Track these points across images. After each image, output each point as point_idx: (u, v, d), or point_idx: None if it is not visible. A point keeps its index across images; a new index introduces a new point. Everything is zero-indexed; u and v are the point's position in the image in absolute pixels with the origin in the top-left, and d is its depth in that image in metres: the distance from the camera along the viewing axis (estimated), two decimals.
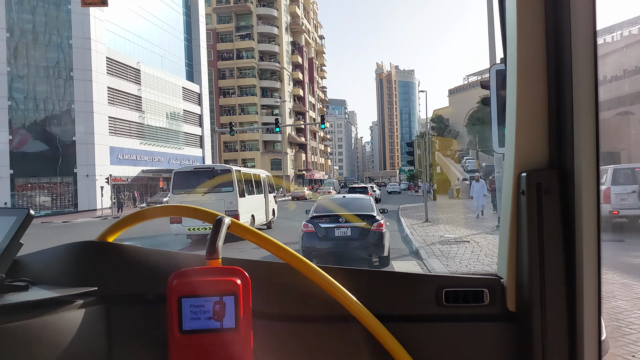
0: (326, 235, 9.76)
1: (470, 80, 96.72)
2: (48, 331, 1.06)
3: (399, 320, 1.29)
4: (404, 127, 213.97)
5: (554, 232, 1.15)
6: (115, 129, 43.75)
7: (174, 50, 55.89)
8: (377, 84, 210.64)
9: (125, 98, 45.69)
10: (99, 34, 41.45)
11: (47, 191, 39.38)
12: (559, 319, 1.16)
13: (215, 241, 1.06)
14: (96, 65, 40.96)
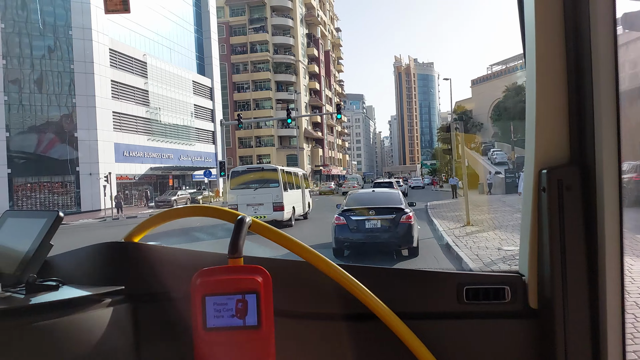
0: (357, 227, 10.27)
1: (494, 69, 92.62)
2: (78, 329, 1.10)
3: (419, 318, 1.29)
4: (424, 121, 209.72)
5: (576, 229, 1.15)
6: (120, 125, 41.47)
7: (184, 42, 53.48)
8: (396, 77, 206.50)
9: (131, 92, 43.38)
10: (102, 24, 39.08)
11: (47, 191, 37.23)
12: (581, 315, 1.15)
13: (237, 240, 1.07)
14: (98, 57, 38.66)
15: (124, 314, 1.22)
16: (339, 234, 10.49)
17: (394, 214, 10.32)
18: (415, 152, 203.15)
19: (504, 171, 38.36)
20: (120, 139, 41.01)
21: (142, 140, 44.29)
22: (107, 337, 1.15)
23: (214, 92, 58.12)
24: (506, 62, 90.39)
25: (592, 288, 1.14)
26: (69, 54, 37.63)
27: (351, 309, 1.27)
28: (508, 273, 1.36)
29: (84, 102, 37.55)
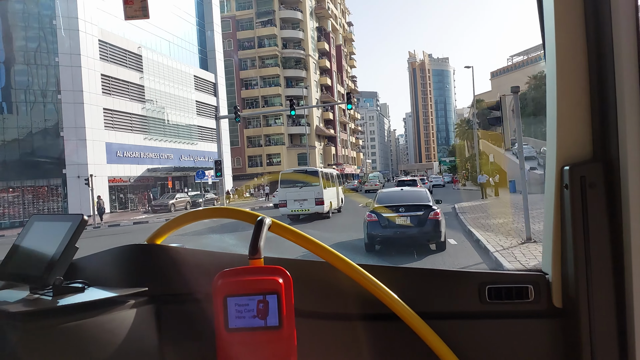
0: (388, 223, 11.16)
1: (514, 60, 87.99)
2: (103, 330, 1.13)
3: (441, 318, 1.28)
4: (440, 117, 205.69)
5: (600, 226, 1.13)
6: (112, 123, 38.20)
7: (184, 35, 50.13)
8: (410, 73, 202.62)
9: (124, 87, 40.11)
10: (90, 13, 35.76)
11: (32, 196, 33.99)
12: (607, 314, 1.14)
13: (257, 241, 1.08)
14: (86, 49, 35.34)
15: (147, 315, 1.25)
16: (371, 230, 11.18)
17: (422, 210, 10.98)
18: (431, 149, 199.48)
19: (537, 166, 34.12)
20: (112, 138, 37.75)
21: (138, 140, 41.02)
22: (131, 338, 1.18)
23: (218, 87, 54.69)
24: (528, 52, 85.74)
25: (618, 286, 1.11)
26: (53, 46, 34.34)
27: (372, 309, 1.27)
28: (531, 272, 1.33)
29: (71, 98, 34.30)
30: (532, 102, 65.99)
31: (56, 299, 1.14)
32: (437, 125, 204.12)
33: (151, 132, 42.94)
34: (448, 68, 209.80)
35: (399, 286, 1.25)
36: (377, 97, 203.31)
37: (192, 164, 48.11)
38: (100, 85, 36.88)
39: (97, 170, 34.74)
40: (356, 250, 11.66)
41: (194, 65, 51.39)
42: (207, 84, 52.99)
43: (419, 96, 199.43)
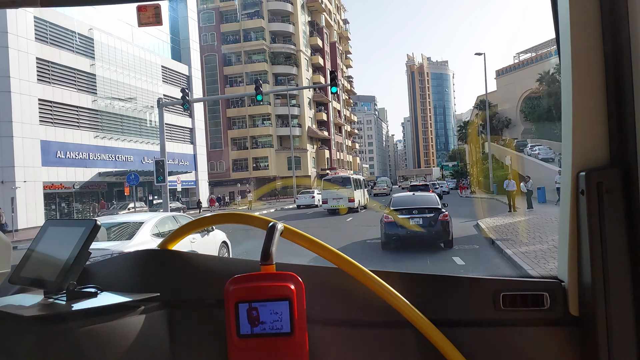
0: (403, 224, 12.35)
1: (521, 58, 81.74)
2: (115, 335, 1.14)
3: (455, 325, 1.26)
4: (439, 122, 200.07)
5: (617, 233, 1.10)
6: (51, 117, 31.70)
7: None
8: (409, 77, 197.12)
9: (69, 75, 33.63)
10: None
11: None
12: (625, 323, 1.11)
13: (269, 247, 1.07)
14: (16, 26, 28.86)
15: (159, 320, 1.26)
16: (388, 230, 12.46)
17: (432, 213, 12.39)
18: (430, 154, 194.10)
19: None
20: (51, 136, 31.24)
21: (86, 138, 34.52)
22: (143, 343, 1.18)
23: (192, 81, 48.09)
24: (536, 49, 79.61)
25: (637, 294, 1.09)
26: None
27: (384, 316, 1.25)
28: (546, 279, 1.30)
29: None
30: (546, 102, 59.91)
31: (70, 304, 1.15)
32: (436, 130, 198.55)
33: (105, 129, 36.43)
34: (447, 71, 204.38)
35: (412, 293, 1.24)
36: (375, 101, 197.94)
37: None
38: (35, 71, 30.37)
39: (28, 174, 28.26)
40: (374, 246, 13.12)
41: (164, 54, 44.94)
42: (179, 76, 46.47)
43: (417, 100, 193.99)
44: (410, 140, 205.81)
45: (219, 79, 68.03)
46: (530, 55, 79.72)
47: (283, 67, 69.11)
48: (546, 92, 60.30)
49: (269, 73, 68.51)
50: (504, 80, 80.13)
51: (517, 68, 79.66)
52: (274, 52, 68.97)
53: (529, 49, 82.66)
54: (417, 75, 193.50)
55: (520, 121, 75.33)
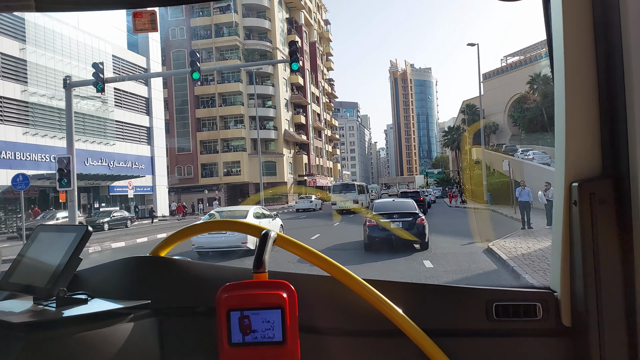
0: (384, 227, 13.48)
1: (509, 61, 78.23)
2: (105, 342, 1.13)
3: (447, 335, 1.27)
4: (422, 130, 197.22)
5: (610, 243, 1.11)
6: None
7: None
8: (392, 83, 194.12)
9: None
10: None
11: None
12: (618, 334, 1.11)
13: (261, 255, 1.06)
14: None
15: (149, 328, 1.25)
16: (370, 232, 13.54)
17: (411, 217, 13.50)
18: (412, 162, 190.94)
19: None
20: None
21: (12, 134, 29.13)
22: (133, 351, 1.18)
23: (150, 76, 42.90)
24: (525, 52, 76.15)
25: (629, 305, 1.09)
26: None
27: (377, 325, 1.25)
28: (539, 289, 1.31)
29: None
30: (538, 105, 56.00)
31: (60, 310, 1.14)
32: (419, 137, 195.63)
33: (38, 125, 31.06)
34: (430, 78, 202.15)
35: (405, 302, 1.24)
36: (358, 107, 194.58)
37: (106, 171, 36.28)
38: None
39: None
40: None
41: (117, 43, 39.72)
42: (134, 68, 41.25)
43: (400, 107, 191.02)
44: (392, 147, 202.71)
45: (188, 77, 62.76)
46: (519, 58, 76.15)
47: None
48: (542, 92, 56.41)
49: (242, 71, 63.59)
50: (491, 84, 76.36)
51: (505, 71, 76.03)
52: (248, 49, 64.17)
53: (517, 51, 79.21)
54: (400, 82, 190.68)
55: (509, 126, 71.55)
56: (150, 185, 42.08)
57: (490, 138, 74.73)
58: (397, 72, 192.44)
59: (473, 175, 43.41)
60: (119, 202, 38.70)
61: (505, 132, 72.35)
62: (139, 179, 39.41)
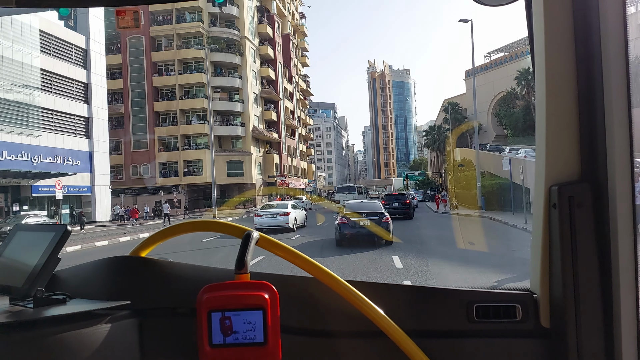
0: (354, 225, 14.96)
1: (493, 58, 74.14)
2: (84, 343, 1.11)
3: (428, 336, 1.29)
4: (400, 132, 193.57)
5: (588, 246, 1.13)
6: None
7: None
8: (370, 84, 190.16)
9: None
10: None
11: None
12: (595, 335, 1.13)
13: (244, 256, 1.06)
14: None
15: (129, 329, 1.24)
16: (341, 230, 14.94)
17: (377, 216, 15.14)
18: (390, 165, 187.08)
19: None
20: None
21: None
22: (112, 352, 1.16)
23: (90, 56, 36.78)
24: (510, 48, 72.13)
25: (606, 307, 1.11)
26: None
27: (359, 326, 1.25)
28: (519, 291, 1.33)
29: None
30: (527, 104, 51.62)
31: (37, 311, 1.13)
32: (397, 139, 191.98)
33: None
34: (409, 80, 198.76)
35: (387, 303, 1.24)
36: (336, 109, 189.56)
37: (30, 167, 30.13)
38: None
39: None
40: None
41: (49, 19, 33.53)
42: (71, 49, 35.11)
43: (378, 108, 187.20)
44: (370, 149, 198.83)
45: (146, 67, 56.82)
46: (504, 54, 72.05)
47: (224, 55, 58.52)
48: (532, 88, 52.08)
49: (207, 61, 57.55)
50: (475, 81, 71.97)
51: (489, 68, 71.79)
52: (214, 37, 58.28)
53: (501, 47, 75.20)
54: (378, 83, 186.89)
55: (493, 126, 67.28)
56: (88, 185, 35.99)
57: (473, 139, 70.47)
58: (375, 72, 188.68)
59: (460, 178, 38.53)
60: (47, 205, 32.58)
61: (489, 132, 68.02)
62: (73, 178, 33.38)
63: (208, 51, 57.84)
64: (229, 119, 59.66)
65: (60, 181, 30.06)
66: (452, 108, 70.20)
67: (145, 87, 56.92)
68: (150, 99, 56.76)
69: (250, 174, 59.04)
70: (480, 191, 26.46)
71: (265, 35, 67.71)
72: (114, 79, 57.37)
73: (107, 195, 38.50)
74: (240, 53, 60.03)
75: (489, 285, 1.49)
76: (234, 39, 59.66)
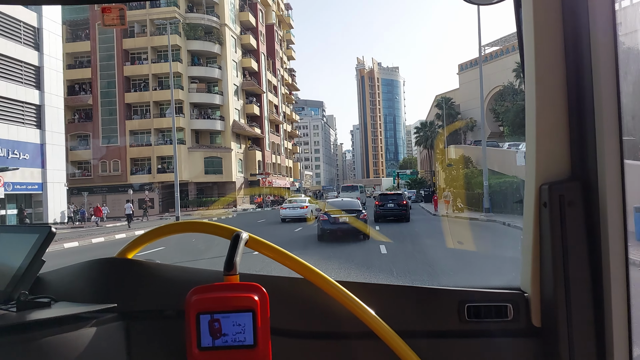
0: (335, 221, 16.23)
1: (487, 51, 70.72)
2: (69, 347, 1.09)
3: (420, 336, 1.28)
4: (389, 131, 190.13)
5: (579, 245, 1.14)
6: None
7: None
8: (358, 81, 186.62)
9: None
10: None
11: None
12: (586, 334, 1.13)
13: (233, 257, 1.05)
14: None
15: (116, 333, 1.21)
16: (323, 226, 16.29)
17: (356, 213, 16.56)
18: (379, 164, 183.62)
19: None
20: None
21: None
22: (98, 356, 1.14)
23: (42, 36, 32.33)
24: (505, 41, 68.77)
25: (597, 305, 1.11)
26: None
27: (350, 327, 1.25)
28: (510, 290, 1.33)
29: None
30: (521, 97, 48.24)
31: (20, 314, 1.10)
32: (386, 138, 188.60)
33: None
34: (398, 78, 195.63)
35: (378, 303, 1.23)
36: (324, 107, 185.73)
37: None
38: None
39: None
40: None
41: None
42: (19, 26, 30.67)
43: (367, 106, 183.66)
44: (359, 148, 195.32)
45: (117, 54, 52.42)
46: (499, 47, 68.60)
47: (201, 44, 54.41)
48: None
49: (183, 49, 53.59)
50: (469, 75, 68.64)
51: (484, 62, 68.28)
52: (190, 24, 54.11)
53: (495, 40, 71.75)
54: (367, 80, 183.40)
55: (488, 123, 63.76)
56: (39, 182, 31.62)
57: (467, 135, 67.04)
58: (364, 70, 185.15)
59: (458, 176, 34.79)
60: None
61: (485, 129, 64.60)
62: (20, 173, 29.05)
63: (184, 38, 53.82)
64: (207, 112, 55.50)
65: (2, 177, 25.73)
66: (446, 103, 66.65)
67: (116, 76, 52.50)
68: (121, 89, 52.39)
69: (230, 172, 54.95)
70: (487, 191, 22.73)
71: (248, 24, 63.60)
72: (82, 67, 53.04)
73: (63, 193, 34.11)
74: (219, 41, 55.90)
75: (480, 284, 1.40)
76: (213, 27, 55.50)
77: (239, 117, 59.32)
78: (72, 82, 53.10)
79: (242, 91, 61.39)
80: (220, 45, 55.79)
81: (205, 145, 55.19)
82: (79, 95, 52.78)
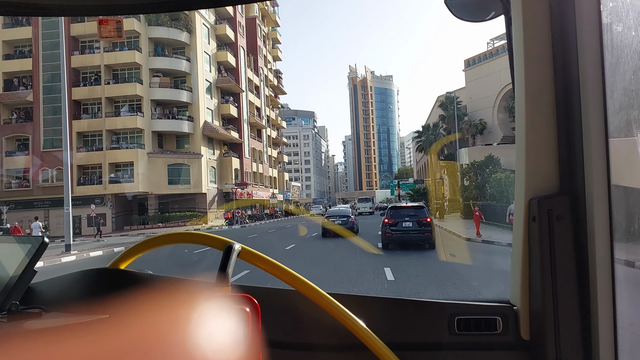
0: (333, 224, 23.37)
1: (497, 45, 63.04)
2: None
3: (410, 349, 1.30)
4: (382, 141, 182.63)
5: (567, 259, 1.15)
6: None
7: None
8: (351, 90, 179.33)
9: None
10: None
11: None
12: (574, 347, 1.15)
13: (225, 268, 1.05)
14: None
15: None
16: (325, 227, 23.83)
17: (347, 218, 24.58)
18: (372, 175, 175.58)
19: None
20: None
21: None
22: None
23: None
24: None
25: (585, 319, 1.13)
26: None
27: (341, 339, 1.26)
28: (499, 303, 1.35)
29: None
30: None
31: (11, 325, 1.09)
32: (380, 149, 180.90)
33: None
34: (392, 87, 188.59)
35: (369, 316, 1.24)
36: (315, 117, 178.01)
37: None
38: None
39: None
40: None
41: None
42: None
43: (360, 116, 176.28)
44: (351, 159, 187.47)
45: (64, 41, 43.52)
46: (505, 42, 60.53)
47: (166, 30, 46.03)
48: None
49: (143, 37, 45.16)
50: (476, 72, 60.67)
51: (493, 56, 60.33)
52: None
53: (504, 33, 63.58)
54: (359, 89, 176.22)
55: (499, 125, 55.62)
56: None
57: (475, 139, 58.96)
58: (356, 78, 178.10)
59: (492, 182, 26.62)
60: None
61: (495, 132, 56.37)
62: None
63: (145, 24, 45.38)
64: (173, 111, 46.91)
65: None
66: (452, 102, 58.50)
67: (62, 68, 43.50)
68: (68, 83, 43.29)
69: (199, 182, 46.20)
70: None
71: (224, 12, 55.34)
72: (21, 57, 44.51)
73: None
74: (188, 29, 47.48)
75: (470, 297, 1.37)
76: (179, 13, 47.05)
77: (212, 118, 50.76)
78: (10, 74, 44.65)
79: (217, 88, 52.87)
80: (189, 34, 47.42)
81: (170, 151, 46.56)
82: (16, 91, 44.18)
